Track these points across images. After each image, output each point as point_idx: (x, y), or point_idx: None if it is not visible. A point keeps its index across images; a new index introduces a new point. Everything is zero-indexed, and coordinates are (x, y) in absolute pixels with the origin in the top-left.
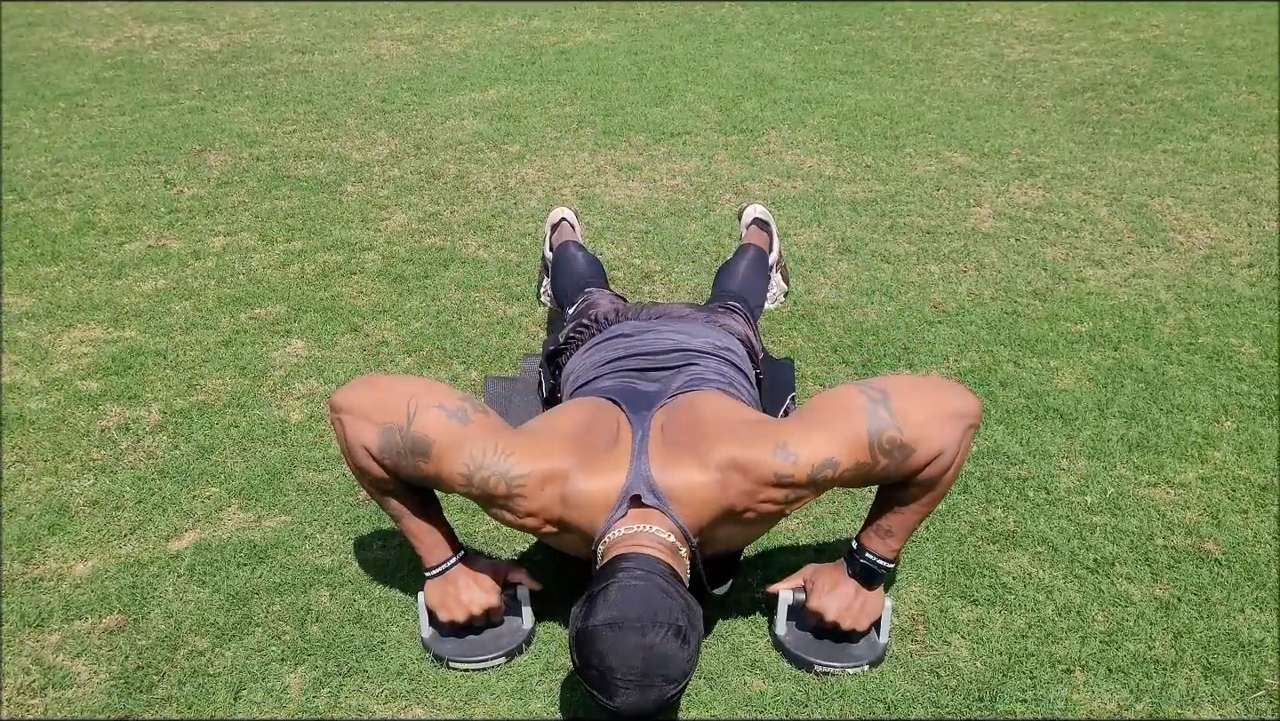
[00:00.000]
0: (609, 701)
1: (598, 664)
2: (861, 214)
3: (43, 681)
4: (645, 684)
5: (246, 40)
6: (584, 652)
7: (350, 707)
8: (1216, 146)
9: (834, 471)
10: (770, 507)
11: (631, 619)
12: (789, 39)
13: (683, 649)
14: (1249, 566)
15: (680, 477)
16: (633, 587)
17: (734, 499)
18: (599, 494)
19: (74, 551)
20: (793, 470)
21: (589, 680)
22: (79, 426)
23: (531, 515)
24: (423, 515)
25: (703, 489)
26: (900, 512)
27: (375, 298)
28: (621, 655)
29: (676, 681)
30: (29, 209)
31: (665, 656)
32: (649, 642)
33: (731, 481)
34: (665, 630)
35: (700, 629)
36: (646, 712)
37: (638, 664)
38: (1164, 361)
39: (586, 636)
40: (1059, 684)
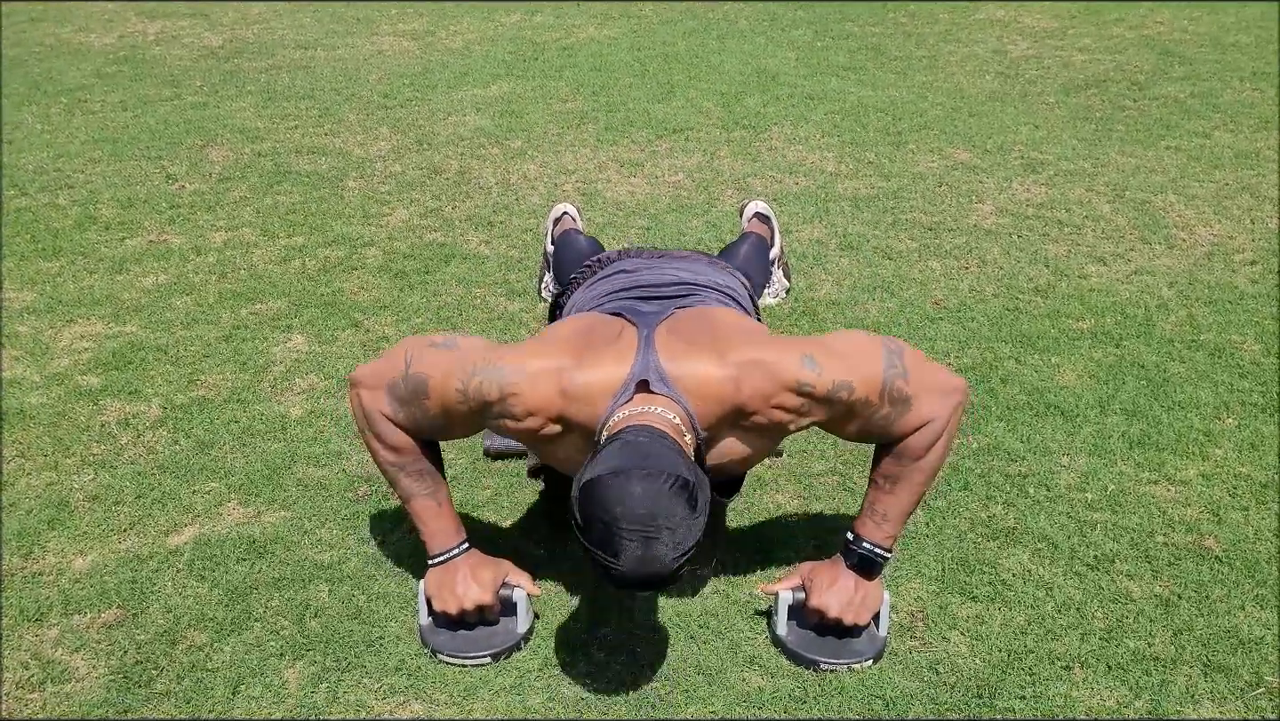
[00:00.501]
0: (613, 561)
1: (601, 515)
2: (863, 210)
3: (41, 675)
4: (649, 535)
5: (249, 36)
6: (588, 507)
7: (348, 703)
8: (1220, 143)
9: (848, 395)
10: (780, 416)
11: (636, 466)
12: (792, 35)
13: (688, 504)
14: (1249, 564)
15: (693, 368)
16: (637, 443)
17: (747, 398)
18: (601, 383)
19: (73, 546)
20: (815, 380)
21: (592, 538)
22: (79, 421)
23: (531, 414)
24: (433, 500)
25: (717, 383)
26: (894, 494)
27: (376, 293)
28: (626, 502)
29: (681, 542)
30: (31, 204)
31: (670, 507)
32: (653, 490)
33: (749, 379)
34: (671, 480)
35: (707, 498)
36: (651, 577)
37: (642, 511)
38: (1165, 358)
39: (590, 486)
40: (1058, 681)
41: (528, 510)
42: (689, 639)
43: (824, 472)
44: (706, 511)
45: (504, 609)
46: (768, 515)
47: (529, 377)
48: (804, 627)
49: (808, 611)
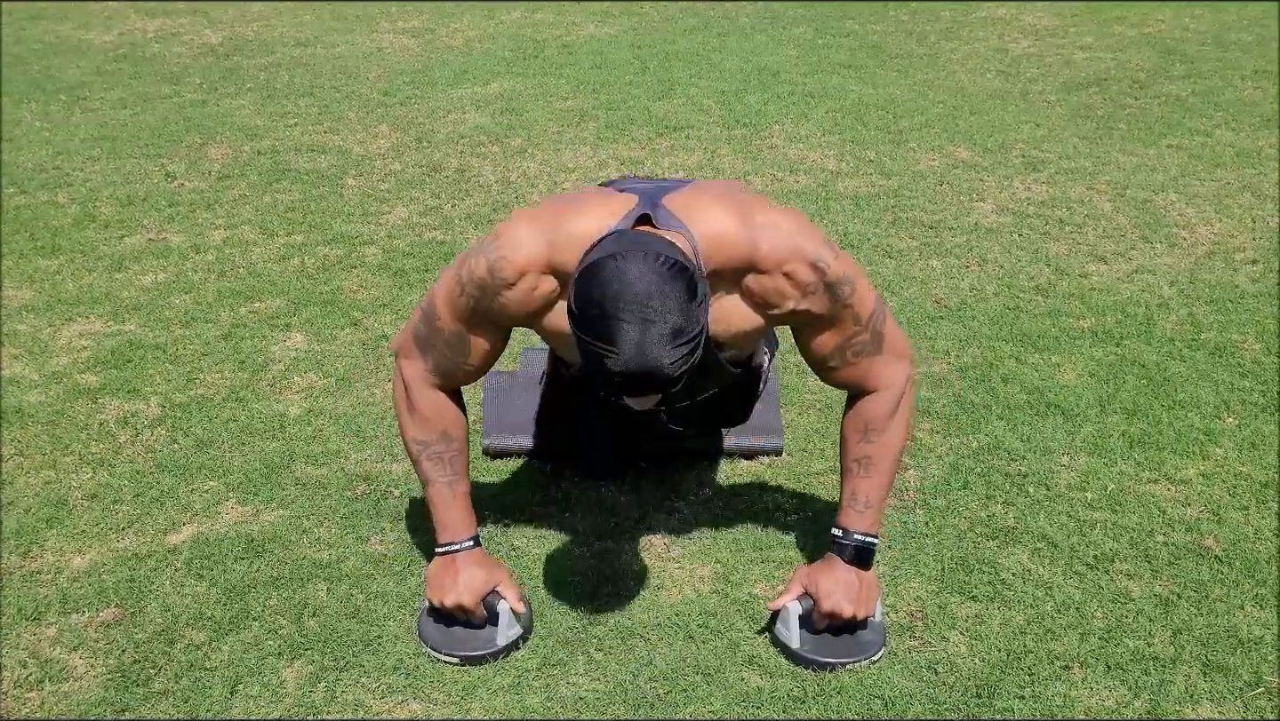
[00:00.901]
0: (610, 350)
1: (597, 296)
2: (864, 209)
3: (39, 674)
4: (647, 316)
5: (249, 33)
6: (584, 292)
7: (346, 702)
8: (1221, 142)
9: (848, 294)
10: (785, 287)
11: (633, 249)
12: (792, 33)
13: (686, 289)
14: (1249, 563)
15: (706, 216)
16: (634, 234)
17: (762, 256)
18: (595, 226)
19: (71, 545)
20: (832, 263)
21: (589, 328)
22: (78, 420)
23: (522, 273)
24: (448, 489)
25: (731, 230)
26: (871, 477)
27: (375, 291)
28: (622, 280)
29: (681, 331)
30: (30, 202)
31: (667, 287)
32: (650, 270)
33: (768, 240)
34: (668, 261)
35: (706, 292)
36: (650, 370)
37: (638, 289)
38: (1166, 357)
39: (586, 271)
40: (1057, 680)
41: (526, 509)
42: (688, 638)
43: (823, 472)
44: (706, 308)
45: (490, 616)
46: (766, 515)
47: (511, 240)
48: (815, 634)
49: (819, 617)
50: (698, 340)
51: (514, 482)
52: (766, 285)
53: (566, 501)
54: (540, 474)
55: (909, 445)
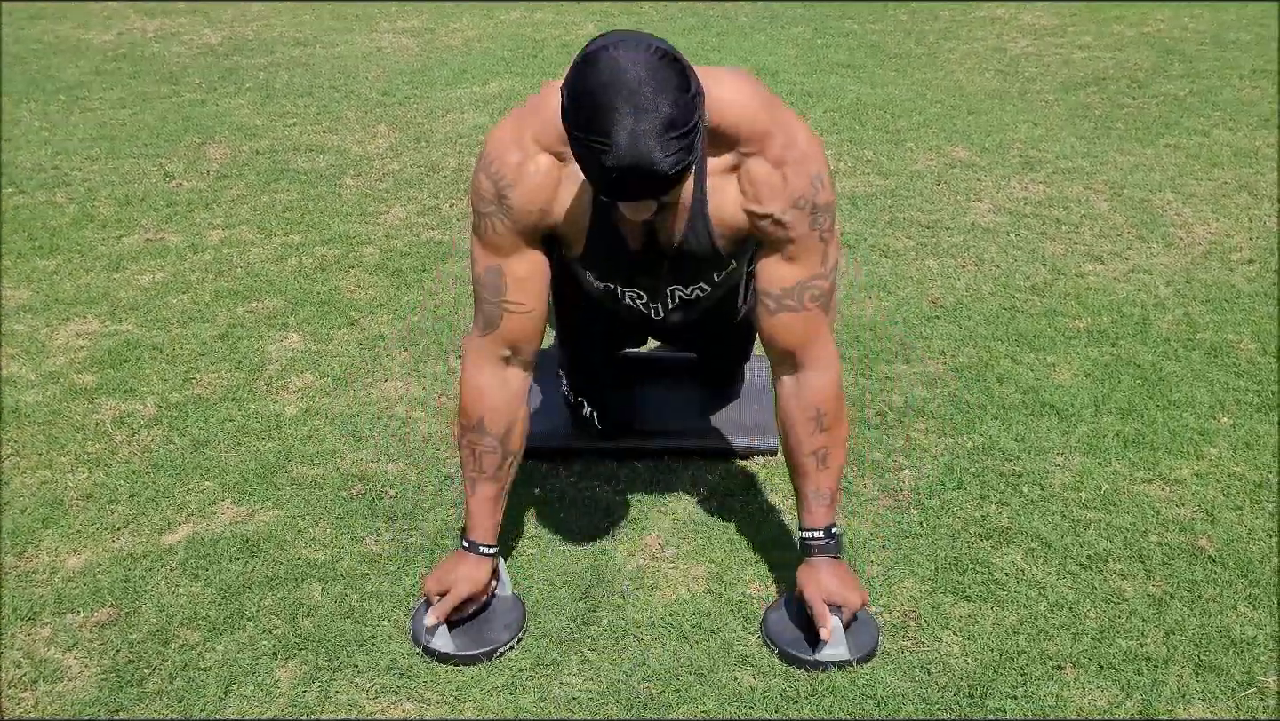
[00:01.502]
0: (604, 142)
1: (591, 85)
2: (861, 208)
3: (34, 674)
4: (639, 105)
5: (248, 33)
6: (577, 82)
7: (341, 702)
8: (1219, 141)
9: (825, 226)
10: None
11: (628, 39)
12: (791, 32)
13: (680, 78)
14: (1243, 563)
15: (726, 83)
16: (627, 30)
17: (767, 145)
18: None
19: (67, 545)
20: (826, 188)
21: (583, 119)
22: (74, 420)
23: (519, 164)
24: (473, 485)
25: (747, 108)
26: (828, 469)
27: (373, 291)
28: (615, 68)
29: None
30: (28, 201)
31: (660, 75)
32: (643, 58)
33: (779, 134)
34: (661, 51)
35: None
36: (645, 163)
37: (630, 75)
38: (1162, 357)
39: (582, 62)
40: (1050, 680)
41: (521, 509)
42: (681, 638)
43: None
44: (700, 102)
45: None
46: (762, 515)
47: (496, 144)
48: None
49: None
50: (692, 136)
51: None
52: (762, 173)
53: (562, 501)
54: (535, 473)
55: (900, 443)
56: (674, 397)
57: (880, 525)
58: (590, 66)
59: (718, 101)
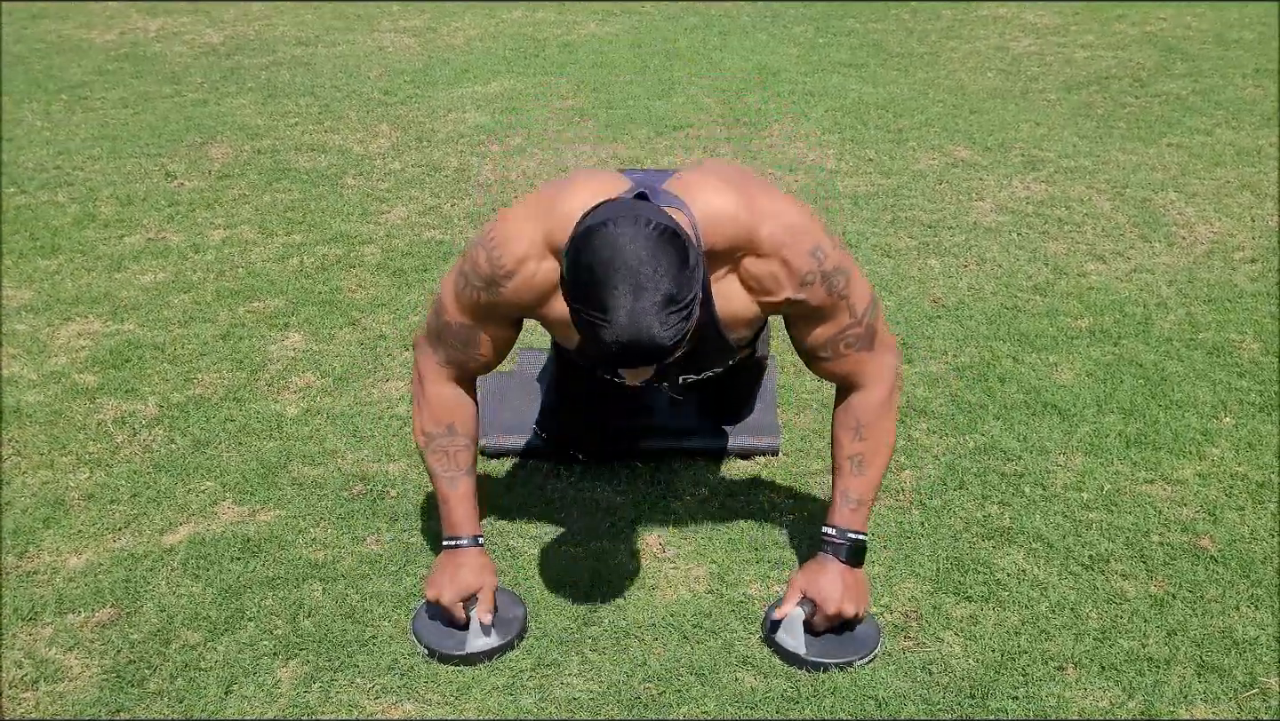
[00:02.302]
0: (603, 318)
1: (590, 261)
2: (863, 208)
3: (35, 675)
4: (638, 284)
5: (250, 33)
6: (576, 257)
7: (341, 702)
8: (1221, 140)
9: (843, 287)
10: (781, 274)
11: (625, 216)
12: (793, 32)
13: (679, 256)
14: (1245, 563)
15: (707, 196)
16: (627, 201)
17: (760, 242)
18: (591, 205)
19: (68, 545)
20: (830, 253)
21: (582, 294)
22: (75, 420)
23: (523, 260)
24: (451, 485)
25: (731, 212)
26: (863, 475)
27: (374, 291)
28: (614, 246)
29: (674, 298)
30: (30, 201)
31: (659, 253)
32: (642, 235)
33: (768, 226)
34: (661, 228)
35: (699, 258)
36: (644, 340)
37: (629, 255)
38: (1164, 357)
39: (579, 237)
40: (1051, 681)
41: (522, 509)
42: (682, 639)
43: (819, 472)
44: (699, 277)
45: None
46: (763, 515)
47: (507, 229)
48: (817, 636)
49: (824, 620)
50: (691, 308)
51: (510, 483)
52: (763, 270)
53: (562, 501)
54: (536, 474)
55: (902, 443)
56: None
57: (881, 525)
58: (589, 243)
59: (703, 221)
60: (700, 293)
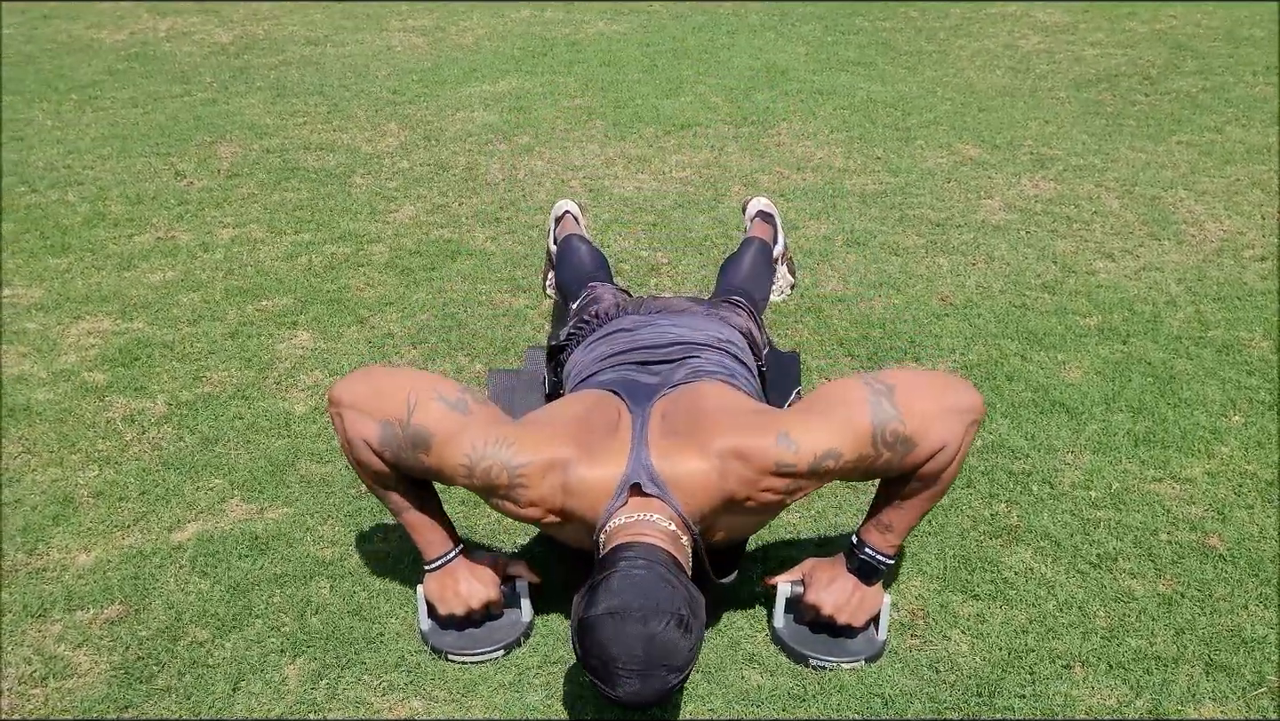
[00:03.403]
0: (611, 691)
1: (599, 653)
2: (871, 206)
3: (44, 671)
4: (647, 673)
5: (259, 32)
6: (586, 642)
7: (348, 699)
8: (1231, 138)
9: (835, 463)
10: (771, 497)
11: (634, 608)
12: (801, 30)
13: (685, 637)
14: (1253, 562)
15: (680, 466)
16: (635, 576)
17: (734, 487)
18: (599, 482)
19: (77, 542)
20: (794, 459)
21: (591, 669)
22: (85, 418)
23: (533, 504)
24: (422, 509)
25: (703, 475)
26: (901, 508)
27: (382, 290)
28: (623, 644)
29: (679, 670)
30: (40, 200)
31: (668, 646)
32: (651, 632)
33: (732, 470)
34: (668, 619)
35: (703, 617)
36: (648, 702)
37: (640, 653)
38: (1173, 355)
39: (589, 626)
40: (1059, 680)
41: None
42: None
43: None
44: (703, 626)
45: (506, 600)
46: None
47: (538, 469)
48: (800, 622)
49: (804, 606)
50: (689, 668)
51: None
52: (753, 505)
53: None
54: None
55: None
56: None
57: None
58: (598, 634)
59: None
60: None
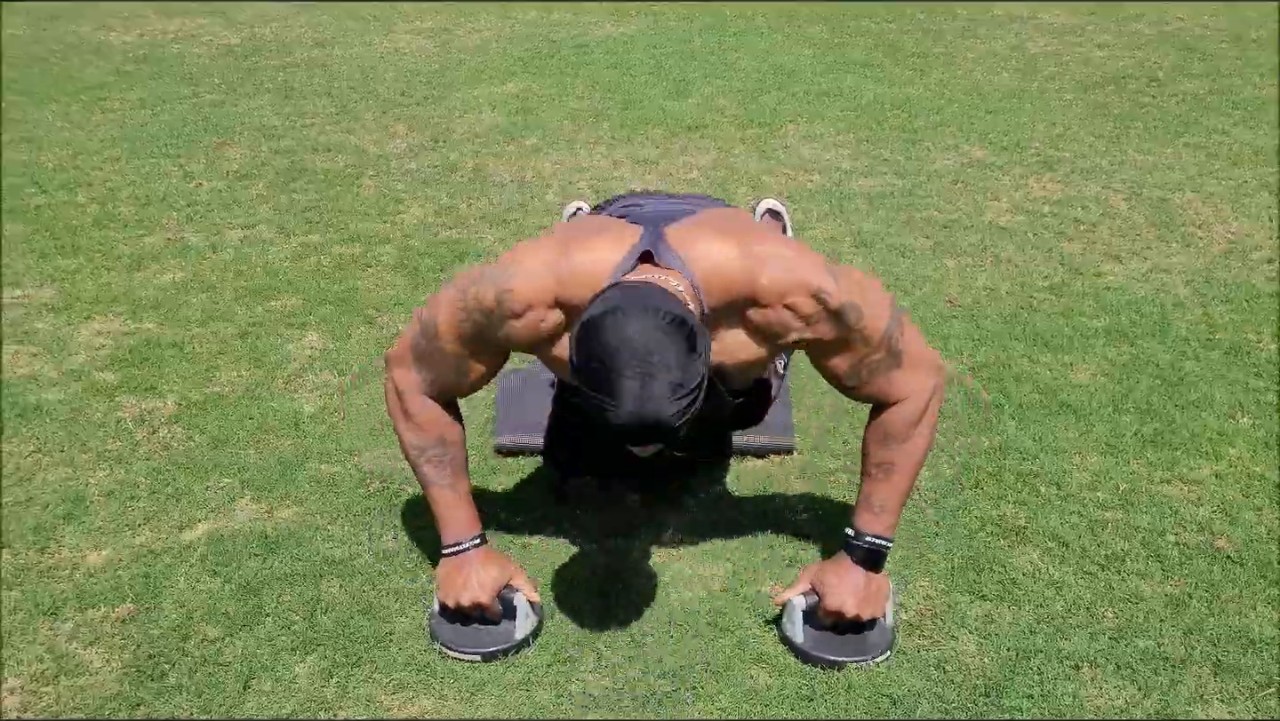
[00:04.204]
0: (611, 402)
1: (598, 352)
2: (878, 208)
3: (55, 669)
4: (646, 371)
5: (267, 34)
6: (584, 346)
7: (358, 697)
8: (1238, 140)
9: (855, 320)
10: (788, 318)
11: (633, 304)
12: (808, 32)
13: (686, 343)
14: (1261, 563)
15: (707, 248)
16: (633, 285)
17: (763, 289)
18: (599, 263)
19: (88, 541)
20: (834, 290)
21: (590, 381)
22: (95, 418)
23: (529, 306)
24: (451, 490)
25: (730, 262)
26: (890, 482)
27: (391, 290)
28: (623, 335)
29: (680, 385)
30: (50, 201)
31: (667, 342)
32: (649, 325)
33: (768, 271)
34: (667, 316)
35: (707, 344)
36: (650, 422)
37: (638, 345)
38: (1180, 357)
39: (587, 326)
40: (1066, 680)
41: (537, 507)
42: (696, 636)
43: (835, 470)
44: (706, 360)
45: (505, 611)
46: (777, 514)
47: (521, 270)
48: (819, 630)
49: (823, 614)
50: (697, 392)
51: (525, 481)
52: (769, 317)
53: (577, 499)
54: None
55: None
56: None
57: None
58: (598, 331)
59: (704, 279)
60: (706, 374)
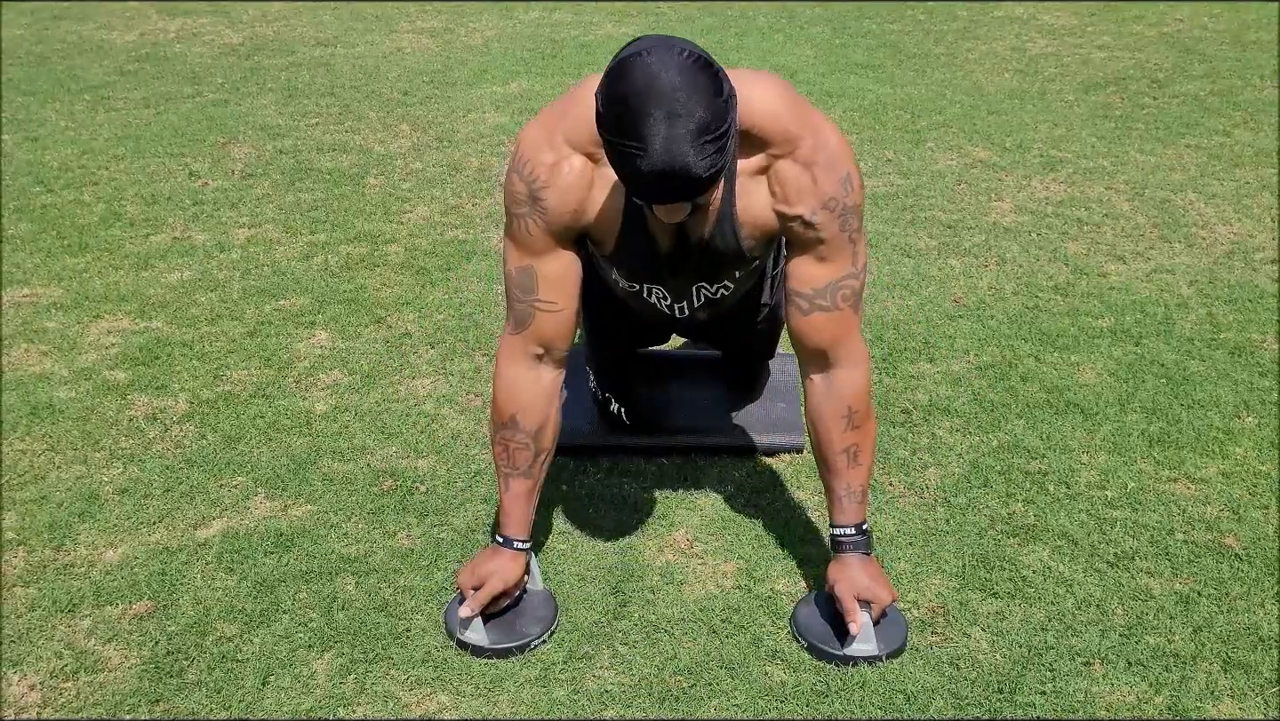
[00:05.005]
0: (638, 146)
1: (626, 90)
2: (882, 208)
3: (75, 665)
4: (673, 110)
5: (269, 33)
6: (610, 88)
7: (376, 694)
8: (1240, 141)
9: (854, 228)
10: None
11: (661, 45)
12: (810, 32)
13: (713, 82)
14: (1269, 562)
15: (757, 89)
16: (660, 35)
17: (798, 144)
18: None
19: (104, 538)
20: (856, 190)
21: (617, 125)
22: (107, 416)
23: (553, 166)
24: (505, 481)
25: (777, 109)
26: (859, 465)
27: (398, 290)
28: (649, 74)
29: (707, 127)
30: (56, 200)
31: (694, 80)
32: (676, 63)
33: (810, 136)
34: (694, 55)
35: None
36: (678, 168)
37: (663, 82)
38: (1185, 357)
39: (615, 69)
40: (1078, 676)
41: (552, 505)
42: (711, 633)
43: None
44: (734, 107)
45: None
46: (789, 512)
47: (528, 144)
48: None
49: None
50: (725, 140)
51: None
52: (792, 175)
53: (591, 497)
54: (565, 470)
55: (926, 441)
56: (700, 396)
57: (907, 522)
58: (624, 72)
59: (747, 103)
60: (735, 125)
